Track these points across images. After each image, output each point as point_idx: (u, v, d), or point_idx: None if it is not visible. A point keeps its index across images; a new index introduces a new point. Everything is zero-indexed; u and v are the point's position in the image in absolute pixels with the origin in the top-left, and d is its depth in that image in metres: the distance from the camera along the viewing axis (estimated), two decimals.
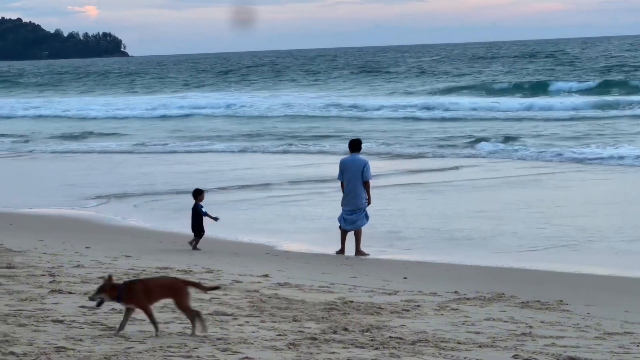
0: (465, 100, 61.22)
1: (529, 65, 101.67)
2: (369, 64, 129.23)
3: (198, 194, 19.32)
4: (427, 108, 58.10)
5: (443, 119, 53.06)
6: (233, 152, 40.50)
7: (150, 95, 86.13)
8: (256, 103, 67.54)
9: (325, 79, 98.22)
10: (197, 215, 18.95)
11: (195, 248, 18.54)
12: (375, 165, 21.30)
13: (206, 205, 19.21)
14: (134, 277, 13.91)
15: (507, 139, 40.74)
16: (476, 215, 22.30)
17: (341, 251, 18.40)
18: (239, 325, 10.52)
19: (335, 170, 19.60)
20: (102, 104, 74.35)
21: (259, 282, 13.92)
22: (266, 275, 14.59)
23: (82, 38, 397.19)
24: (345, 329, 10.49)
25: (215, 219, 18.97)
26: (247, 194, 26.83)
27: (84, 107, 71.23)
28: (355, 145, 19.16)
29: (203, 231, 18.85)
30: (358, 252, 18.37)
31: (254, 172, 32.25)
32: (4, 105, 75.68)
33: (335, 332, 10.32)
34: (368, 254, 18.25)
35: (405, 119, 54.64)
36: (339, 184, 19.30)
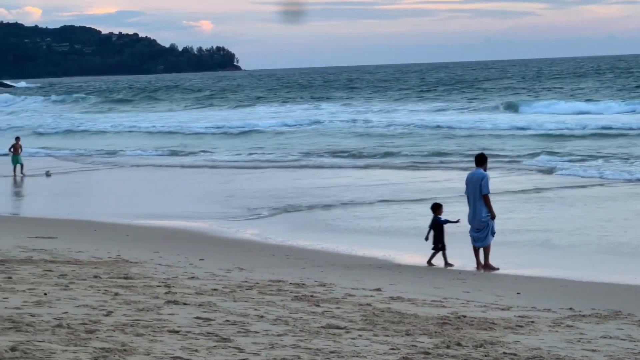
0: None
1: None
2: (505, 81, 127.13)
3: (437, 207, 19.22)
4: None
5: None
6: (359, 167, 40.08)
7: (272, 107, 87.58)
8: (379, 119, 66.82)
9: (434, 95, 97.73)
10: (439, 228, 18.87)
11: (430, 263, 18.50)
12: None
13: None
14: (247, 289, 14.06)
15: None
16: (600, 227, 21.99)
17: (478, 267, 18.30)
18: (352, 338, 10.53)
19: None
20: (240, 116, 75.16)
21: (371, 296, 13.91)
22: (379, 289, 14.59)
23: (196, 52, 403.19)
24: (459, 344, 10.42)
25: (457, 221, 18.88)
26: (367, 208, 26.78)
27: (248, 117, 71.04)
28: (478, 159, 19.05)
29: (443, 244, 18.71)
30: (487, 266, 18.23)
31: (388, 186, 31.99)
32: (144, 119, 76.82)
33: (448, 347, 10.26)
34: (497, 268, 18.08)
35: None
36: (465, 198, 19.15)
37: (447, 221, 18.94)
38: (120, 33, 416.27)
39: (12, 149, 38.78)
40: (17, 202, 31.48)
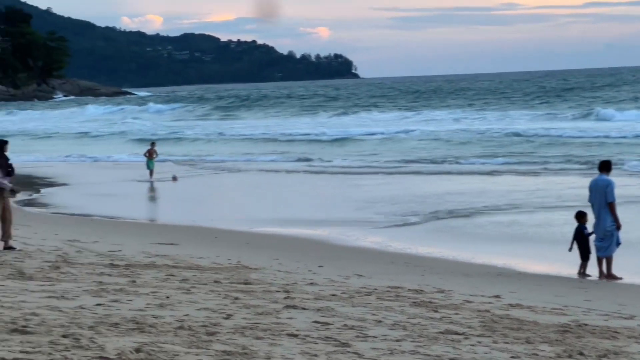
0: None
1: None
2: None
3: (581, 216, 18.77)
4: None
5: None
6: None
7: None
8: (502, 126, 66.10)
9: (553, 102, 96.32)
10: (584, 238, 18.49)
11: (584, 274, 18.14)
12: None
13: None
14: (365, 294, 14.10)
15: None
16: None
17: (600, 276, 17.97)
18: (471, 345, 10.47)
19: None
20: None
21: (490, 303, 13.81)
22: (497, 296, 14.47)
23: (314, 59, 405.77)
24: (581, 354, 10.26)
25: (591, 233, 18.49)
26: (496, 214, 26.55)
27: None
28: (603, 165, 18.65)
29: (589, 255, 18.34)
30: (609, 275, 17.88)
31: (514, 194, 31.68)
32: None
33: (570, 357, 10.12)
34: (621, 278, 17.72)
35: None
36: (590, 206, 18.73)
37: (590, 234, 18.44)
38: (238, 40, 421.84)
39: (147, 154, 39.60)
40: (142, 207, 32.05)
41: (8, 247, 18.46)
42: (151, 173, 38.66)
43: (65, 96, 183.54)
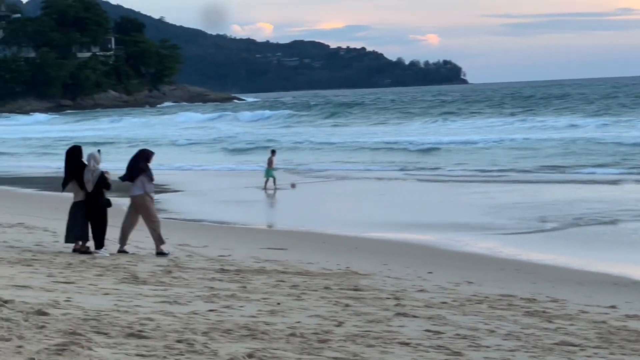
0: None
1: None
2: None
3: None
4: None
5: None
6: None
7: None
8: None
9: None
10: None
11: None
12: None
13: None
14: (477, 302, 13.94)
15: None
16: None
17: None
18: (587, 356, 10.27)
19: None
20: None
21: (606, 313, 13.52)
22: (613, 307, 14.14)
23: (422, 66, 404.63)
24: None
25: None
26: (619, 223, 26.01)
27: None
28: None
29: None
30: None
31: None
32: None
33: None
34: None
35: None
36: None
37: None
38: (348, 47, 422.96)
39: (268, 162, 39.48)
40: (253, 212, 32.24)
41: (122, 251, 18.79)
42: (268, 182, 38.50)
43: (175, 102, 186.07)
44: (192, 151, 68.53)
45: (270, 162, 39.10)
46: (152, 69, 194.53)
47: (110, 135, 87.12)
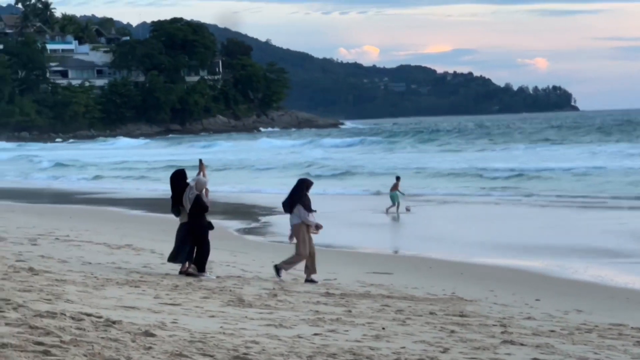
0: None
1: None
2: None
3: None
4: None
5: None
6: None
7: None
8: None
9: None
10: None
11: None
12: None
13: None
14: (586, 332, 13.69)
15: None
16: None
17: None
18: None
19: None
20: None
21: None
22: None
23: (531, 92, 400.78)
24: None
25: None
26: None
27: None
28: None
29: None
30: None
31: None
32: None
33: None
34: None
35: None
36: None
37: None
38: (455, 72, 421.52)
39: (393, 187, 40.53)
40: (364, 236, 32.18)
41: (309, 280, 18.95)
42: (397, 206, 39.34)
43: (284, 128, 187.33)
44: (287, 175, 68.55)
45: (395, 186, 40.19)
46: (260, 94, 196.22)
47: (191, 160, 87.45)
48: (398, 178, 41.54)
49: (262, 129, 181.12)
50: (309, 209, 19.32)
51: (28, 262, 18.00)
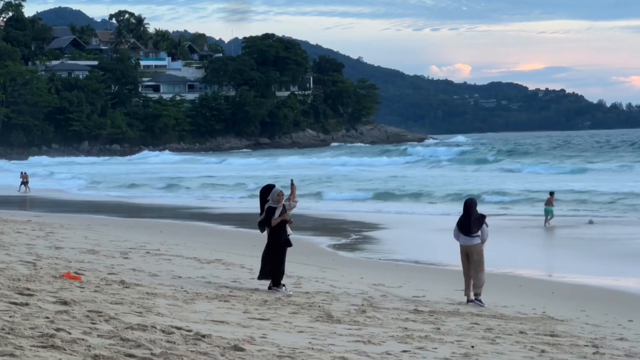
0: None
1: None
2: None
3: None
4: None
5: None
6: None
7: None
8: None
9: None
10: None
11: None
12: None
13: None
14: None
15: None
16: None
17: None
18: None
19: None
20: None
21: None
22: None
23: (625, 108, 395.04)
24: None
25: None
26: None
27: None
28: None
29: None
30: None
31: None
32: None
33: None
34: None
35: None
36: None
37: None
38: (546, 89, 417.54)
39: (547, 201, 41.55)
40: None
41: (472, 300, 18.97)
42: (549, 219, 40.38)
43: (372, 143, 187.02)
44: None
45: (549, 201, 41.53)
46: (350, 108, 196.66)
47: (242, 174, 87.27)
48: (552, 193, 42.70)
49: (349, 145, 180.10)
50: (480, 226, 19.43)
51: (120, 275, 18.26)
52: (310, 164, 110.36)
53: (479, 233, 19.31)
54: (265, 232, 18.85)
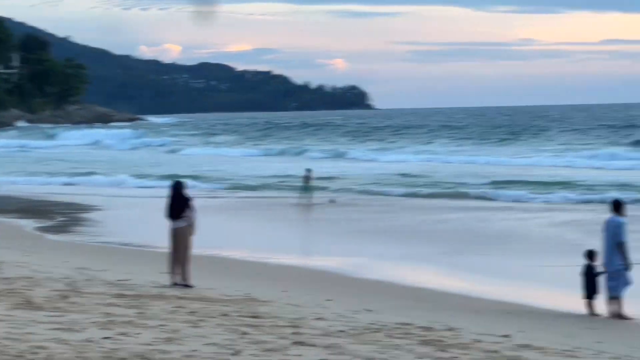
0: None
1: None
2: None
3: (591, 255, 18.42)
4: None
5: None
6: None
7: None
8: None
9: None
10: (592, 277, 18.10)
11: (594, 314, 17.83)
12: None
13: None
14: (374, 331, 13.99)
15: None
16: None
17: (610, 315, 17.73)
18: None
19: None
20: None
21: (499, 343, 13.66)
22: (507, 336, 14.29)
23: (329, 90, 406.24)
24: None
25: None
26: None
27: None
28: (614, 205, 18.63)
29: (596, 294, 17.99)
30: (620, 315, 17.61)
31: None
32: None
33: None
34: (632, 318, 17.44)
35: None
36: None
37: (599, 273, 18.23)
38: (255, 70, 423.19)
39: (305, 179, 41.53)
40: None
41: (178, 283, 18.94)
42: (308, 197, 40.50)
43: (78, 122, 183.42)
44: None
45: (307, 178, 41.60)
46: (57, 88, 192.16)
47: None
48: (309, 170, 42.05)
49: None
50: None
51: None
52: None
53: (186, 215, 19.42)
54: None
